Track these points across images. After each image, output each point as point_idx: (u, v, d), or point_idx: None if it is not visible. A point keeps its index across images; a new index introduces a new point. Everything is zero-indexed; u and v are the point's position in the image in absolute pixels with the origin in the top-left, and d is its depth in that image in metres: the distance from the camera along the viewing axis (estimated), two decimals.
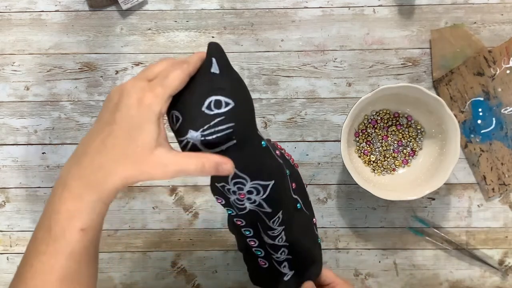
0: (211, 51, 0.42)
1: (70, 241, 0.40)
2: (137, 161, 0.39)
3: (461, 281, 0.76)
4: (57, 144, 0.76)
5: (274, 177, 0.46)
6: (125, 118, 0.39)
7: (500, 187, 0.74)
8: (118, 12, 0.76)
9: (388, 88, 0.65)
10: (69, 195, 0.40)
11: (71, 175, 0.40)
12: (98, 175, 0.39)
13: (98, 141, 0.40)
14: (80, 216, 0.40)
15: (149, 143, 0.39)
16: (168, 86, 0.40)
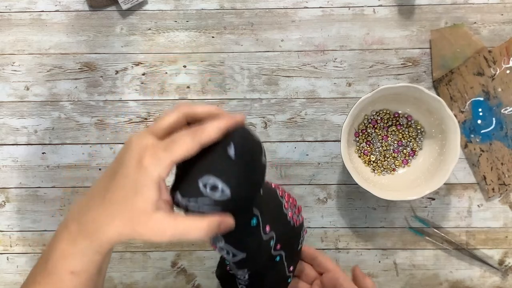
0: (234, 136, 0.39)
1: (60, 279, 0.41)
2: (133, 222, 0.38)
3: (461, 281, 0.76)
4: (57, 144, 0.76)
5: (248, 251, 0.46)
6: (125, 177, 0.38)
7: (500, 187, 0.74)
8: (118, 12, 0.76)
9: (388, 88, 0.65)
10: (66, 236, 0.41)
11: (73, 218, 0.41)
12: (93, 225, 0.39)
13: (100, 194, 0.40)
14: (71, 259, 0.41)
15: (146, 207, 0.38)
16: (173, 154, 0.37)
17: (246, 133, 0.39)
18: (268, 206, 0.48)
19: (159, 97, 0.76)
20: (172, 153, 0.37)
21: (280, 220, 0.50)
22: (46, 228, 0.76)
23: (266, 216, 0.47)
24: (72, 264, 0.41)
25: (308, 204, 0.76)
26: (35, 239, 0.76)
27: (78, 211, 0.42)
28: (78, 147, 0.76)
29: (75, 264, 0.41)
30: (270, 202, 0.49)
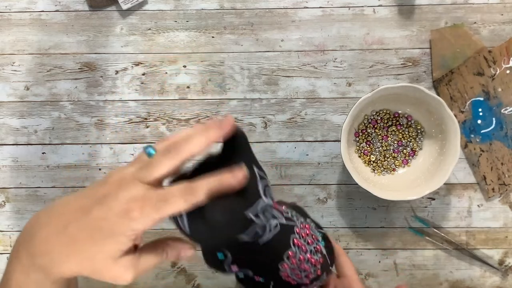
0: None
1: None
2: (95, 266, 0.36)
3: (461, 281, 0.76)
4: (57, 144, 0.76)
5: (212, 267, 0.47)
6: (103, 219, 0.35)
7: (500, 187, 0.74)
8: (118, 12, 0.76)
9: (388, 88, 0.65)
10: (18, 267, 0.38)
11: (24, 246, 0.37)
12: (46, 259, 0.36)
13: (61, 225, 0.36)
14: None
15: (115, 254, 0.35)
16: (162, 213, 0.34)
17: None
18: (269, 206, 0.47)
19: (159, 97, 0.76)
20: (161, 213, 0.35)
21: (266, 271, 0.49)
22: None
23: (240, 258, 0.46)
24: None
25: (308, 204, 0.76)
26: None
27: (30, 239, 0.37)
28: (78, 147, 0.76)
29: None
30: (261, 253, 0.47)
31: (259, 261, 0.48)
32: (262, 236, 0.42)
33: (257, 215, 0.38)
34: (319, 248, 0.52)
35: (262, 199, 0.38)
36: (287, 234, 0.48)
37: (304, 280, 0.51)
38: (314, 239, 0.52)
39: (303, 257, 0.49)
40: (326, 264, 0.53)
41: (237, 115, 0.76)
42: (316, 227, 0.57)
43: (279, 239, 0.47)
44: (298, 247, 0.49)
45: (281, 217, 0.49)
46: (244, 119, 0.76)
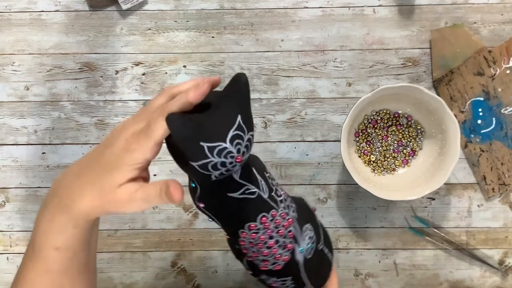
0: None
1: (46, 258, 0.43)
2: (103, 193, 0.40)
3: (461, 281, 0.76)
4: (57, 144, 0.76)
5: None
6: (109, 155, 0.41)
7: (500, 187, 0.74)
8: (118, 12, 0.76)
9: (388, 88, 0.65)
10: (46, 214, 0.43)
11: (52, 194, 0.43)
12: (67, 199, 0.42)
13: (80, 166, 0.43)
14: (53, 235, 0.42)
15: (118, 181, 0.40)
16: (153, 137, 0.40)
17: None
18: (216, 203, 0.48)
19: None
20: (152, 137, 0.40)
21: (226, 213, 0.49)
22: None
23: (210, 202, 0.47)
24: (54, 240, 0.42)
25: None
26: None
27: (58, 186, 0.43)
28: (78, 147, 0.76)
29: (57, 240, 0.42)
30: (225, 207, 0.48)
31: (224, 214, 0.48)
32: (214, 175, 0.42)
33: (213, 153, 0.40)
34: (291, 247, 0.51)
35: (225, 144, 0.40)
36: (259, 208, 0.48)
37: (260, 264, 0.51)
38: (289, 236, 0.51)
39: (264, 238, 0.49)
40: (294, 268, 0.52)
41: None
42: (318, 242, 0.55)
43: (248, 206, 0.48)
44: (264, 227, 0.49)
45: (266, 191, 0.49)
46: None
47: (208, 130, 0.40)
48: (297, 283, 0.53)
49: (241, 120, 0.41)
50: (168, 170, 0.76)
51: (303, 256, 0.53)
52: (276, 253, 0.50)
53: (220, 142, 0.40)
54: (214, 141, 0.40)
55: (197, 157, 0.40)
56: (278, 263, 0.50)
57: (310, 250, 0.54)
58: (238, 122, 0.41)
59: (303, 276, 0.54)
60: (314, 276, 0.55)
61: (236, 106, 0.41)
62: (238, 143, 0.41)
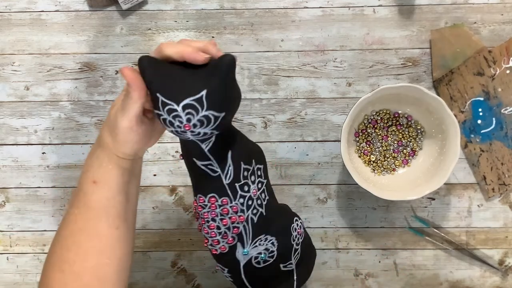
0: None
1: (86, 192, 0.46)
2: (111, 126, 0.45)
3: (461, 281, 0.76)
4: (57, 144, 0.76)
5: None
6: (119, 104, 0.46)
7: (500, 187, 0.74)
8: (118, 12, 0.76)
9: (388, 88, 0.65)
10: (91, 151, 0.48)
11: (99, 133, 0.48)
12: (100, 136, 0.47)
13: (111, 112, 0.47)
14: (92, 169, 0.46)
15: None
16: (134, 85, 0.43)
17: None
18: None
19: None
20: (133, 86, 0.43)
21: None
22: (46, 228, 0.76)
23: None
24: (92, 174, 0.46)
25: (308, 204, 0.76)
26: (35, 239, 0.76)
27: (99, 132, 0.48)
28: (78, 147, 0.76)
29: (95, 173, 0.46)
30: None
31: (189, 172, 0.51)
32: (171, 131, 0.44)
33: (164, 108, 0.42)
34: (231, 241, 0.52)
35: (177, 107, 0.42)
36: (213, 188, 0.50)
37: (204, 236, 0.52)
38: (233, 232, 0.51)
39: (207, 216, 0.51)
40: (232, 263, 0.53)
41: (237, 115, 0.76)
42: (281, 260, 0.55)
43: (205, 180, 0.50)
44: (210, 207, 0.50)
45: (229, 179, 0.50)
46: (244, 119, 0.76)
47: (169, 85, 0.42)
48: (235, 279, 0.54)
49: (205, 96, 0.41)
50: (168, 170, 0.76)
51: (246, 260, 0.53)
52: (214, 237, 0.51)
53: (173, 102, 0.42)
54: (169, 98, 0.42)
55: (154, 105, 0.43)
56: (215, 247, 0.52)
57: (260, 260, 0.54)
58: (201, 95, 0.41)
59: (244, 279, 0.54)
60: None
61: (207, 81, 0.42)
62: (189, 113, 0.42)
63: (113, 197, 0.46)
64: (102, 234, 0.46)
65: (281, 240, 0.55)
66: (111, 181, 0.46)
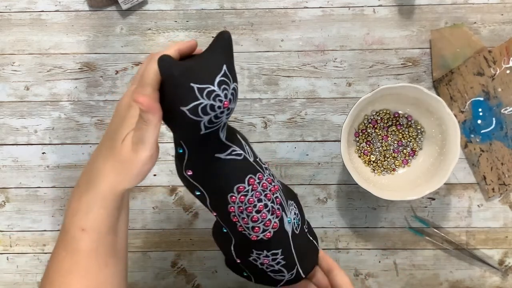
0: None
1: (73, 238, 0.44)
2: (116, 154, 0.42)
3: (461, 281, 0.76)
4: (57, 144, 0.76)
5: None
6: (115, 118, 0.43)
7: (500, 187, 0.74)
8: (118, 12, 0.76)
9: (388, 88, 0.65)
10: (76, 194, 0.44)
11: (82, 175, 0.45)
12: (92, 175, 0.43)
13: (99, 144, 0.45)
14: (79, 215, 0.43)
15: (122, 137, 0.42)
16: (146, 83, 0.41)
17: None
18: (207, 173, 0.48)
19: None
20: (146, 84, 0.41)
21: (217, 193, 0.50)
22: (46, 228, 0.76)
23: (198, 171, 0.48)
24: (80, 220, 0.43)
25: (308, 204, 0.76)
26: (35, 239, 0.76)
27: (87, 163, 0.45)
28: (78, 147, 0.76)
29: (83, 220, 0.43)
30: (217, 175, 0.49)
31: (212, 179, 0.49)
32: (203, 123, 0.43)
33: (203, 94, 0.41)
34: (279, 214, 0.52)
35: (214, 87, 0.41)
36: (246, 169, 0.49)
37: (251, 234, 0.51)
38: (277, 202, 0.52)
39: (253, 200, 0.49)
40: (284, 239, 0.53)
41: (237, 115, 0.76)
42: (303, 224, 0.57)
43: (236, 167, 0.49)
44: (252, 189, 0.49)
45: (251, 156, 0.50)
46: (244, 119, 0.76)
47: (197, 72, 0.41)
48: (287, 259, 0.53)
49: (227, 69, 0.43)
50: (168, 170, 0.76)
51: (291, 228, 0.53)
52: (266, 218, 0.50)
53: (209, 84, 0.41)
54: (203, 83, 0.41)
55: (188, 99, 0.41)
56: (268, 230, 0.51)
57: (296, 226, 0.55)
58: (224, 70, 0.42)
59: (293, 252, 0.54)
60: (302, 258, 0.55)
61: (222, 57, 0.43)
62: (225, 88, 0.42)
63: (103, 238, 0.45)
64: (91, 274, 0.45)
65: (295, 201, 0.58)
66: (101, 226, 0.44)
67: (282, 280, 0.55)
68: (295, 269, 0.54)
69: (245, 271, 0.56)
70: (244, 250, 0.53)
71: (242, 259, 0.54)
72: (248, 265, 0.54)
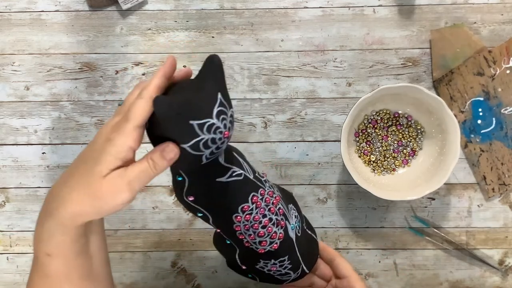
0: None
1: (42, 263, 0.43)
2: (89, 189, 0.39)
3: (461, 281, 0.76)
4: (57, 144, 0.76)
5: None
6: (90, 152, 0.41)
7: (500, 187, 0.74)
8: (118, 12, 0.76)
9: (388, 88, 0.65)
10: (38, 221, 0.43)
11: (45, 202, 0.43)
12: (54, 204, 0.41)
13: (66, 172, 0.42)
14: (43, 241, 0.42)
15: (102, 172, 0.39)
16: (133, 120, 0.39)
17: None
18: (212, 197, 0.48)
19: None
20: (131, 120, 0.39)
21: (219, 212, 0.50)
22: None
23: (200, 196, 0.47)
24: (45, 247, 0.42)
25: (308, 204, 0.76)
26: None
27: (48, 195, 0.43)
28: (78, 147, 0.76)
29: (47, 246, 0.42)
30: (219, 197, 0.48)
31: (215, 203, 0.48)
32: (205, 156, 0.42)
33: (203, 130, 0.40)
34: (283, 224, 0.52)
35: (213, 119, 0.40)
36: (248, 188, 0.49)
37: (258, 248, 0.51)
38: (280, 213, 0.52)
39: (258, 217, 0.49)
40: (290, 246, 0.53)
41: (237, 115, 0.76)
42: (302, 223, 0.58)
43: (238, 188, 0.48)
44: (256, 206, 0.49)
45: (251, 173, 0.50)
46: (244, 119, 0.76)
47: (194, 107, 0.40)
48: (293, 263, 0.54)
49: (222, 97, 0.41)
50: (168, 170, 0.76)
51: (294, 233, 0.54)
52: (272, 231, 0.51)
53: (208, 118, 0.40)
54: (202, 118, 0.40)
55: (188, 137, 0.40)
56: (274, 241, 0.51)
57: (298, 229, 0.55)
58: (220, 99, 0.41)
59: (298, 255, 0.55)
60: (305, 256, 0.56)
61: (214, 84, 0.42)
62: (223, 118, 0.41)
63: (71, 262, 0.43)
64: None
65: (293, 202, 0.58)
66: (66, 251, 0.42)
67: (288, 280, 0.56)
68: (300, 268, 0.55)
69: (250, 274, 0.57)
70: (250, 259, 0.54)
71: (248, 267, 0.55)
72: (254, 271, 0.55)
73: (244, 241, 0.51)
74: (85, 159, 0.41)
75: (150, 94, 0.40)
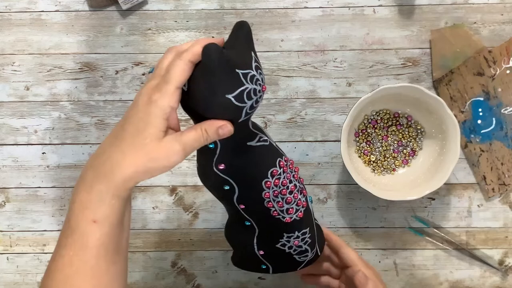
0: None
1: (84, 233, 0.41)
2: (146, 151, 0.41)
3: (461, 281, 0.76)
4: (57, 144, 0.76)
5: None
6: (136, 114, 0.42)
7: (500, 187, 0.74)
8: (118, 12, 0.76)
9: (388, 88, 0.65)
10: (82, 187, 0.42)
11: (87, 167, 0.43)
12: (106, 166, 0.41)
13: (112, 135, 0.43)
14: (91, 206, 0.41)
15: (155, 135, 0.41)
16: (173, 81, 0.41)
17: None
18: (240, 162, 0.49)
19: None
20: (172, 81, 0.41)
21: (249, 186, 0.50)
22: (46, 228, 0.76)
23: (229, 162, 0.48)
24: (92, 212, 0.41)
25: None
26: (35, 239, 0.76)
27: (93, 159, 0.43)
28: (78, 147, 0.76)
29: (95, 212, 0.41)
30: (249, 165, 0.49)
31: (245, 169, 0.49)
32: (245, 110, 0.44)
33: (247, 79, 0.42)
34: (305, 193, 0.54)
35: (253, 71, 0.43)
36: (275, 153, 0.51)
37: (286, 217, 0.52)
38: (301, 182, 0.54)
39: (286, 182, 0.51)
40: (310, 217, 0.55)
41: None
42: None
43: (266, 153, 0.50)
44: (283, 171, 0.51)
45: (273, 141, 0.52)
46: None
47: (238, 59, 0.42)
48: (312, 237, 0.55)
49: (255, 56, 0.44)
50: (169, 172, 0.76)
51: (311, 206, 0.56)
52: (297, 198, 0.52)
53: (249, 69, 0.43)
54: (246, 68, 0.42)
55: (235, 85, 0.42)
56: (299, 209, 0.53)
57: (311, 203, 0.58)
58: (254, 57, 0.44)
59: (315, 230, 0.57)
60: (318, 236, 0.58)
61: (249, 44, 0.45)
62: (260, 73, 0.44)
63: (113, 232, 0.43)
64: (100, 273, 0.42)
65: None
66: (113, 217, 0.42)
67: (304, 261, 0.56)
68: (315, 248, 0.57)
69: (264, 263, 0.56)
70: (272, 237, 0.54)
71: (267, 249, 0.55)
72: (272, 252, 0.55)
73: (272, 210, 0.51)
74: (132, 121, 0.42)
75: (189, 58, 0.42)
